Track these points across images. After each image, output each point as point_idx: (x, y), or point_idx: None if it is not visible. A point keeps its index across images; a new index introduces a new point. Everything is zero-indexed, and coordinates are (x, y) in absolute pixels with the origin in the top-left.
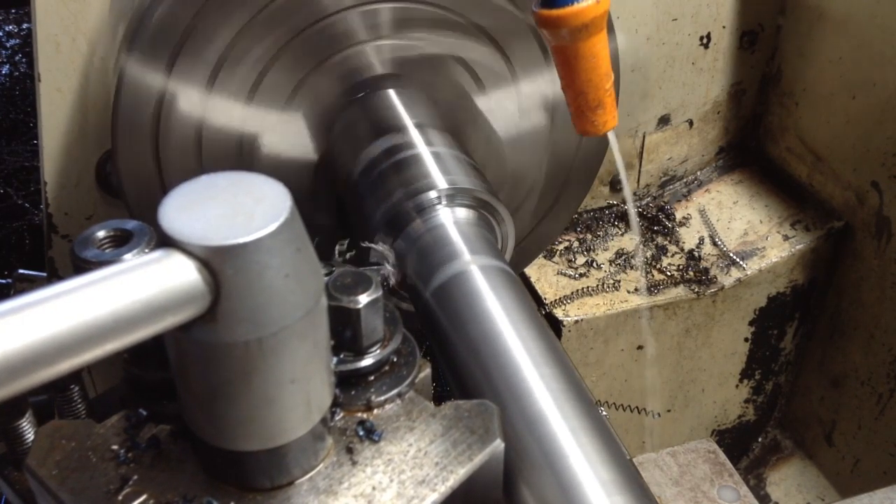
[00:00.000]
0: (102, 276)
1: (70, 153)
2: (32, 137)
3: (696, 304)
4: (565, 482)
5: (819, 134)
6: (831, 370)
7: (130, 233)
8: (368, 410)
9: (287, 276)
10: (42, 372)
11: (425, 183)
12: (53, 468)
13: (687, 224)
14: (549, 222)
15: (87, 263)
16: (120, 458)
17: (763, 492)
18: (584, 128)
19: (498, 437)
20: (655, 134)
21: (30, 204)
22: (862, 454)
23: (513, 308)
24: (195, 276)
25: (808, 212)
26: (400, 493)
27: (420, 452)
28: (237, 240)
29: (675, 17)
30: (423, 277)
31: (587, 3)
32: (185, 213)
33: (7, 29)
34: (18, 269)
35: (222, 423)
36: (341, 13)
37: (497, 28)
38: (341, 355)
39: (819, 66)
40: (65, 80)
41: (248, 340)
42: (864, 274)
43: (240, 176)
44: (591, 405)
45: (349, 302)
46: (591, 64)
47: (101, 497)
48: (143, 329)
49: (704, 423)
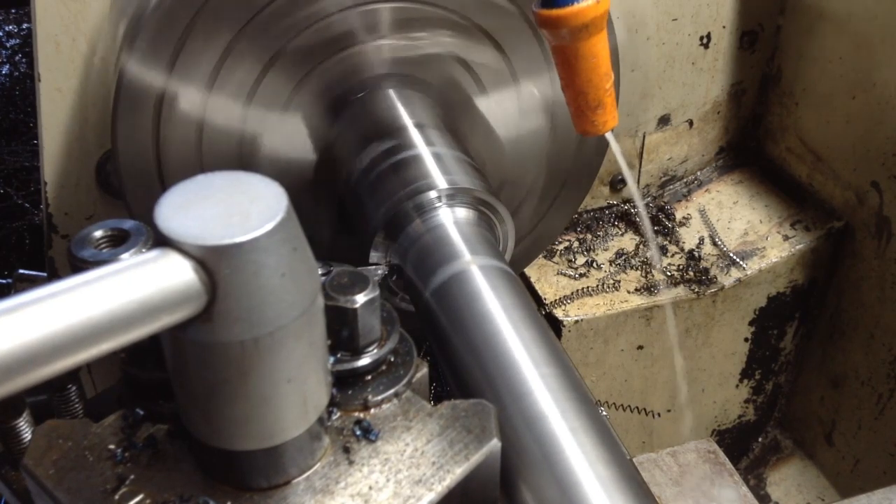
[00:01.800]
0: (98, 276)
1: (70, 153)
2: (32, 137)
3: (696, 304)
4: (565, 482)
5: (819, 134)
6: (831, 370)
7: (127, 232)
8: (365, 410)
9: (283, 275)
10: (38, 371)
11: (425, 183)
12: (50, 467)
13: (687, 224)
14: (549, 222)
15: (84, 263)
16: (117, 458)
17: (763, 492)
18: (584, 128)
19: (495, 436)
20: (655, 134)
21: (30, 204)
22: (862, 454)
23: (513, 308)
24: (191, 276)
25: (808, 212)
26: (397, 493)
27: (417, 452)
28: (233, 239)
29: (675, 17)
30: (423, 277)
31: (587, 3)
32: (181, 213)
33: (7, 29)
34: (18, 269)
35: (219, 423)
36: (341, 13)
37: (497, 28)
38: (338, 355)
39: (819, 66)
40: (65, 80)
41: (244, 340)
42: (864, 274)
43: (236, 175)
44: (591, 405)
45: (346, 301)
46: (591, 64)
47: (97, 496)
48: (139, 328)
49: (704, 423)
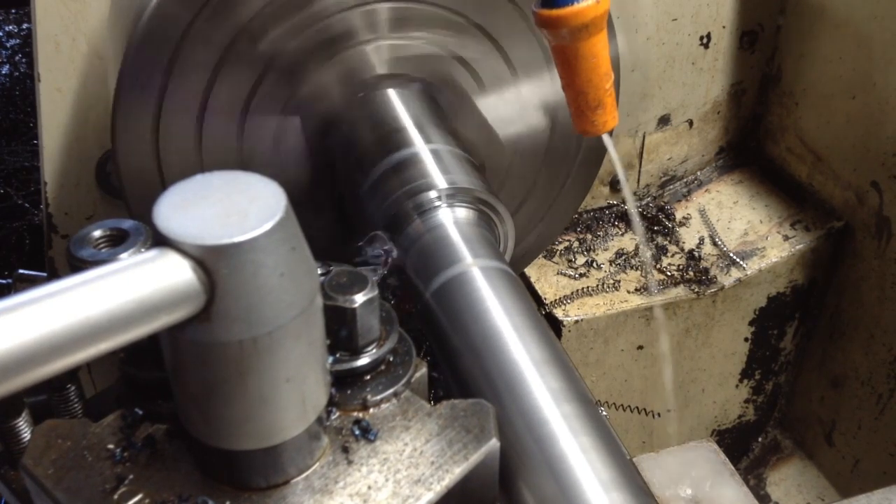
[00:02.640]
0: (97, 276)
1: (70, 153)
2: (32, 137)
3: (696, 304)
4: (565, 482)
5: (819, 134)
6: (831, 370)
7: (126, 232)
8: (364, 410)
9: (282, 275)
10: (36, 371)
11: (425, 183)
12: (49, 467)
13: (687, 224)
14: (549, 222)
15: (83, 263)
16: (116, 458)
17: (763, 492)
18: (584, 128)
19: (494, 436)
20: (655, 134)
21: (30, 204)
22: (862, 454)
23: (513, 308)
24: (190, 276)
25: (808, 212)
26: (395, 493)
27: (416, 452)
28: (232, 239)
29: (675, 17)
30: (423, 278)
31: (587, 3)
32: (179, 213)
33: (7, 29)
34: (18, 269)
35: (217, 423)
36: (341, 13)
37: (497, 27)
38: (337, 354)
39: (819, 66)
40: (65, 80)
41: (242, 340)
42: (864, 274)
43: (234, 175)
44: (591, 405)
45: (345, 301)
46: (591, 64)
47: (96, 496)
48: (137, 328)
49: (704, 423)
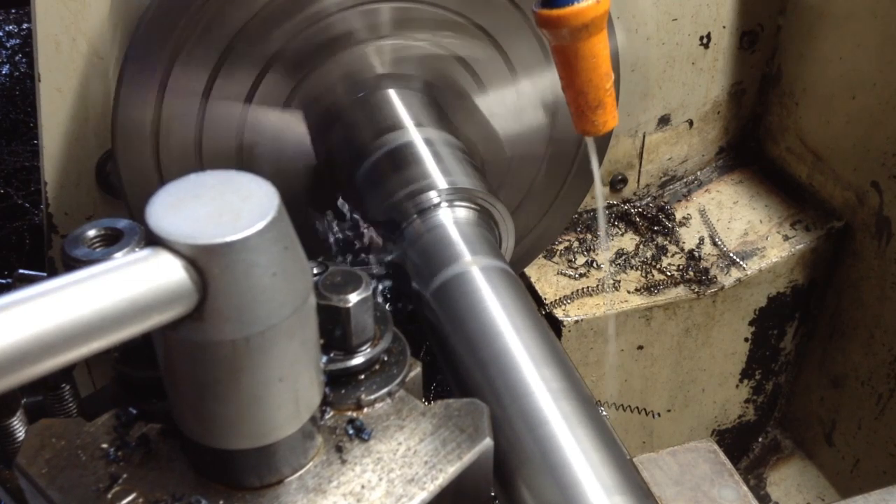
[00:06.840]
0: (89, 275)
1: (70, 153)
2: (32, 137)
3: (696, 304)
4: (565, 482)
5: (819, 134)
6: (831, 370)
7: (121, 232)
8: (358, 409)
9: (274, 274)
10: (28, 369)
11: (425, 183)
12: (43, 466)
13: (687, 224)
14: (549, 222)
15: (77, 262)
16: (109, 457)
17: (763, 492)
18: (584, 128)
19: (487, 435)
20: (655, 134)
21: (30, 204)
22: (862, 454)
23: (513, 308)
24: (182, 275)
25: (808, 212)
26: (389, 492)
27: (409, 451)
28: (224, 238)
29: (675, 17)
30: (423, 277)
31: (587, 3)
32: (172, 212)
33: (7, 29)
34: (18, 269)
35: (211, 422)
36: (341, 13)
37: (497, 27)
38: (331, 354)
39: (819, 66)
40: (65, 80)
41: (235, 339)
42: (864, 274)
43: (227, 175)
44: (591, 405)
45: (339, 301)
46: (592, 64)
47: (90, 495)
48: (130, 327)
49: (704, 423)
